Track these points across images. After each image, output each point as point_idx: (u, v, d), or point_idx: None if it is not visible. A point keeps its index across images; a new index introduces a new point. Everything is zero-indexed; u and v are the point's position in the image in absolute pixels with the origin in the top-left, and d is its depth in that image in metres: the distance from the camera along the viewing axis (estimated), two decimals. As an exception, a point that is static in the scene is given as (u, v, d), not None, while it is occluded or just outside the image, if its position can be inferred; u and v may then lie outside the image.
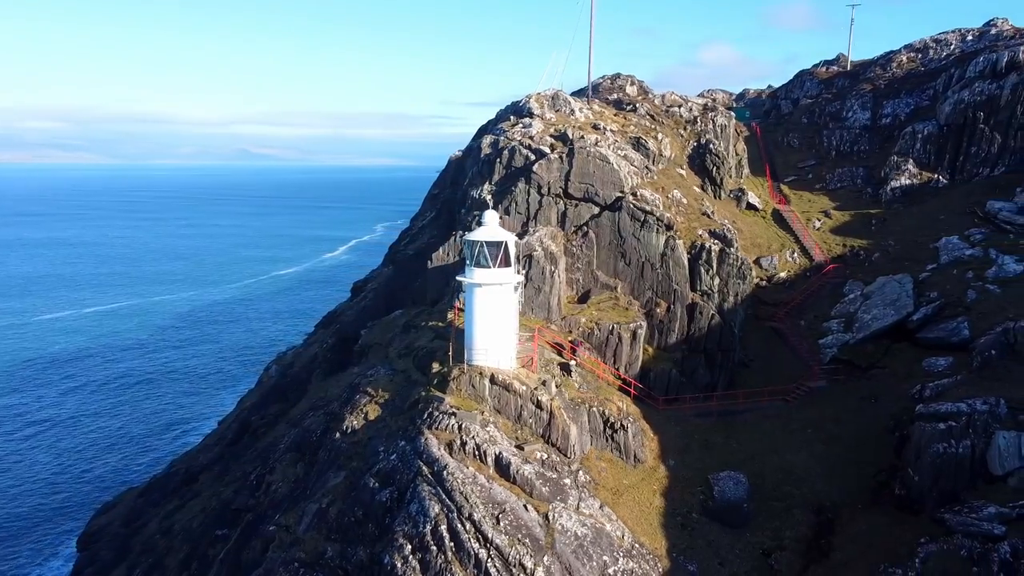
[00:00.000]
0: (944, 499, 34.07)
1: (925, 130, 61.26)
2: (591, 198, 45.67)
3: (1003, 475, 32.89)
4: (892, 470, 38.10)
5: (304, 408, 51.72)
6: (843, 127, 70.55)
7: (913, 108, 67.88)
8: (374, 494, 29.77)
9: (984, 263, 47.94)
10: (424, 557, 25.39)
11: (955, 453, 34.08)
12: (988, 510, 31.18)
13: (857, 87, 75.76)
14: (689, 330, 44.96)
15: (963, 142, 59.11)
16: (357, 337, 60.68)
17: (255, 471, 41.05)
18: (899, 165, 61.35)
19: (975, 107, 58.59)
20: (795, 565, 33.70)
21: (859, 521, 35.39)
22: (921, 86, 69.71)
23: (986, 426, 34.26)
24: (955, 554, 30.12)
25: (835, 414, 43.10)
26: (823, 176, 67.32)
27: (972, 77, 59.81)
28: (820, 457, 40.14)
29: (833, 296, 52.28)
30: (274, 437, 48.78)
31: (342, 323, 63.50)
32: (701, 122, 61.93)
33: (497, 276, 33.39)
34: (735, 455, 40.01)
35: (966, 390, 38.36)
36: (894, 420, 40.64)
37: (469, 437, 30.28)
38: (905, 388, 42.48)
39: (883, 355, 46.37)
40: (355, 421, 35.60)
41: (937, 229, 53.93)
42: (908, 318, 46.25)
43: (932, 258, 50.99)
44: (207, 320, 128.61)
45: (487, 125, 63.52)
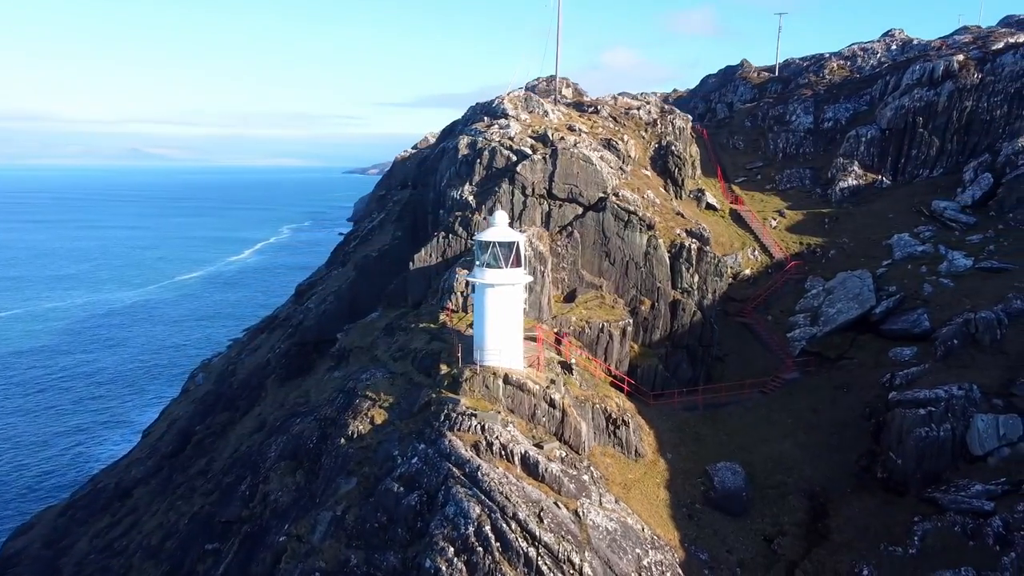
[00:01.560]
0: (928, 480, 36.23)
1: (868, 134, 64.81)
2: (575, 199, 46.26)
3: (983, 455, 35.25)
4: (872, 455, 40.19)
5: (276, 415, 50.30)
6: (788, 130, 73.80)
7: (853, 113, 71.64)
8: (399, 499, 29.33)
9: (935, 259, 51.15)
10: (470, 559, 25.23)
11: (937, 436, 36.29)
12: (975, 487, 33.36)
13: (798, 92, 79.33)
14: (672, 327, 46.17)
15: (904, 145, 62.87)
16: (318, 342, 59.49)
17: (246, 481, 39.60)
18: (845, 167, 64.70)
19: (915, 112, 62.43)
20: (797, 549, 35.14)
21: (850, 504, 37.19)
22: (858, 92, 73.64)
23: (964, 410, 36.63)
24: (950, 530, 32.11)
25: (812, 404, 45.12)
26: (772, 177, 70.20)
27: (911, 84, 63.69)
28: (804, 445, 41.95)
29: (796, 292, 54.63)
30: (252, 446, 47.11)
31: (301, 328, 61.83)
32: (661, 124, 63.52)
33: (509, 276, 33.46)
34: (725, 446, 41.37)
35: (936, 377, 40.90)
36: (869, 408, 42.88)
37: (494, 437, 30.27)
38: (875, 377, 44.89)
39: (849, 346, 48.82)
40: (361, 426, 34.91)
41: (887, 227, 57.18)
42: (871, 311, 48.85)
43: (886, 254, 54.02)
44: (108, 327, 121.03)
45: (453, 126, 63.28)
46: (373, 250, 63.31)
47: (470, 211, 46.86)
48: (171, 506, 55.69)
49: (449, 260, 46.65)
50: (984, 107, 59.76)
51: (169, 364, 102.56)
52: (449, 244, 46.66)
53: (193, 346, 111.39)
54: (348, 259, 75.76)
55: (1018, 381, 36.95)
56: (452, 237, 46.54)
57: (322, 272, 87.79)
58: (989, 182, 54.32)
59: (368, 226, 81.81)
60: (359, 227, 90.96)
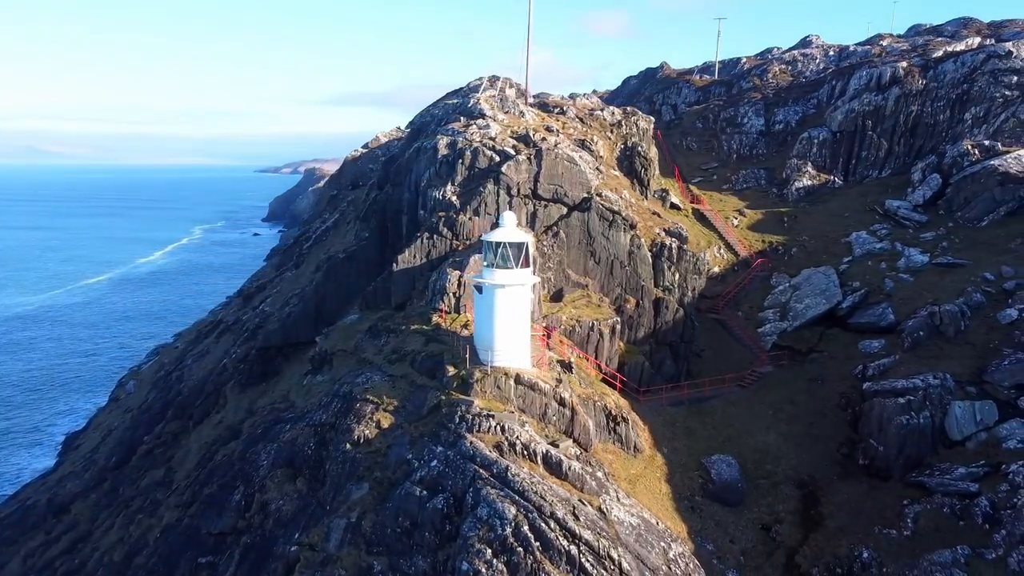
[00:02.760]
0: (910, 465, 38.22)
1: (820, 136, 67.68)
2: (560, 199, 46.64)
3: (962, 440, 37.44)
4: (852, 443, 42.13)
5: (254, 422, 48.89)
6: (740, 132, 76.28)
7: (801, 116, 74.65)
8: (423, 502, 29.03)
9: (893, 255, 53.89)
10: (511, 559, 25.21)
11: (917, 424, 38.31)
12: (959, 471, 35.38)
13: (748, 95, 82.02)
14: (655, 324, 47.12)
15: (854, 147, 65.95)
16: (283, 346, 58.11)
17: (238, 491, 38.30)
18: (799, 167, 67.38)
19: (864, 116, 65.57)
20: (795, 535, 36.49)
21: (839, 491, 38.85)
22: (805, 96, 76.76)
23: (940, 398, 38.79)
24: (939, 512, 33.96)
25: (789, 396, 46.85)
26: (728, 178, 72.42)
27: (859, 89, 66.80)
28: (787, 436, 43.53)
29: (763, 288, 56.58)
30: (230, 454, 45.51)
31: (264, 332, 60.19)
32: (625, 125, 64.60)
33: (520, 277, 33.54)
34: (714, 439, 42.53)
35: (908, 368, 43.15)
36: (844, 398, 44.89)
37: (514, 438, 30.31)
38: (847, 369, 47.01)
39: (819, 340, 50.93)
40: (367, 431, 34.33)
41: (844, 225, 59.86)
42: (838, 306, 51.08)
43: (847, 251, 56.57)
44: (8, 333, 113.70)
45: (422, 126, 62.60)
46: (339, 251, 62.07)
47: (454, 211, 46.62)
48: (130, 520, 53.47)
49: (434, 261, 46.28)
50: (928, 111, 63.34)
51: (81, 372, 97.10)
52: (434, 245, 46.29)
53: (106, 353, 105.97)
54: (303, 260, 74.17)
55: (989, 369, 39.35)
56: (437, 238, 46.19)
57: (269, 274, 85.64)
58: (938, 183, 57.57)
59: (321, 227, 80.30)
60: (310, 228, 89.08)
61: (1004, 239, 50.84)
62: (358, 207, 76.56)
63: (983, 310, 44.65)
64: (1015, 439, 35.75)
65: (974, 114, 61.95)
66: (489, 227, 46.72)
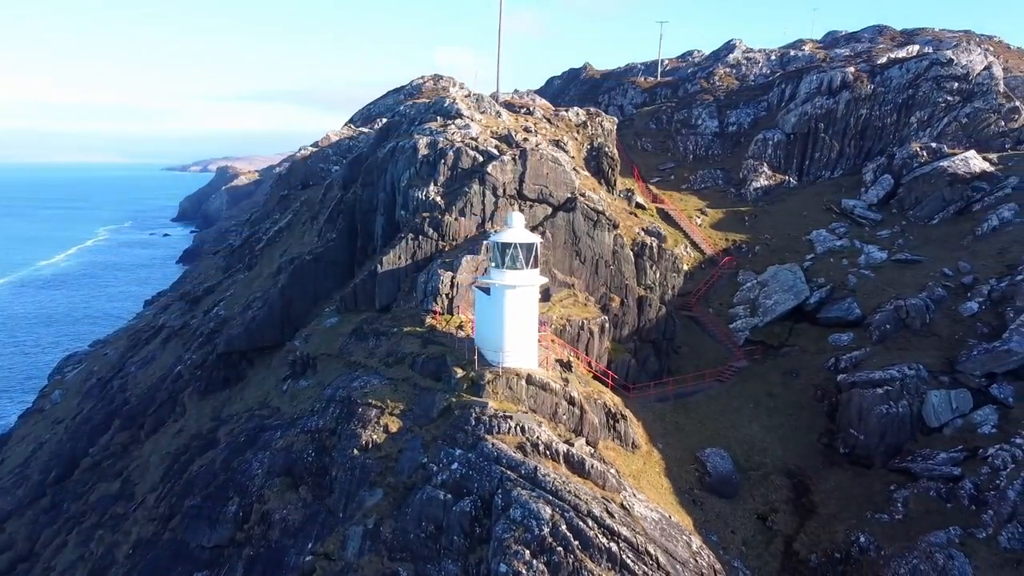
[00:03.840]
0: (890, 453, 40.20)
1: (775, 137, 70.13)
2: (545, 199, 46.87)
3: (939, 427, 39.60)
4: (830, 433, 43.95)
5: (231, 430, 47.37)
6: (696, 133, 78.24)
7: (753, 118, 77.14)
8: (448, 506, 28.79)
9: (854, 252, 56.39)
10: (551, 559, 25.28)
11: (896, 412, 40.32)
12: (940, 456, 37.42)
13: (700, 97, 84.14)
14: (639, 322, 47.95)
15: (808, 148, 68.65)
16: (247, 350, 56.50)
17: (233, 502, 36.97)
18: (755, 168, 69.64)
19: (816, 119, 68.33)
20: (791, 524, 37.86)
21: (826, 479, 40.50)
22: (756, 99, 79.31)
23: (917, 388, 40.91)
24: (927, 495, 35.85)
25: (766, 389, 48.46)
26: (686, 177, 74.16)
27: (811, 92, 69.57)
28: (769, 428, 45.05)
29: (731, 285, 58.26)
30: (209, 465, 43.88)
31: (227, 337, 58.20)
32: (591, 126, 65.39)
33: (529, 278, 33.62)
34: (702, 433, 43.62)
35: (881, 360, 45.31)
36: (820, 390, 46.76)
37: (535, 438, 30.42)
38: (820, 362, 48.98)
39: (789, 335, 52.84)
40: (374, 435, 33.77)
41: (804, 224, 62.25)
42: (806, 301, 53.09)
43: (808, 249, 58.85)
44: None
45: (389, 126, 61.65)
46: (303, 253, 60.66)
47: (439, 212, 46.24)
48: (87, 537, 51.27)
49: (420, 262, 45.77)
50: (877, 115, 66.57)
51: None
52: (419, 246, 45.77)
53: (7, 361, 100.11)
54: (256, 262, 72.24)
55: (960, 359, 41.69)
56: (422, 238, 45.70)
57: (215, 276, 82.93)
58: (890, 183, 60.57)
59: (273, 228, 78.23)
60: (258, 228, 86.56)
61: (956, 236, 53.92)
62: (313, 207, 74.99)
63: (945, 303, 47.27)
64: (989, 424, 38.03)
65: (919, 118, 65.49)
66: (475, 228, 46.67)
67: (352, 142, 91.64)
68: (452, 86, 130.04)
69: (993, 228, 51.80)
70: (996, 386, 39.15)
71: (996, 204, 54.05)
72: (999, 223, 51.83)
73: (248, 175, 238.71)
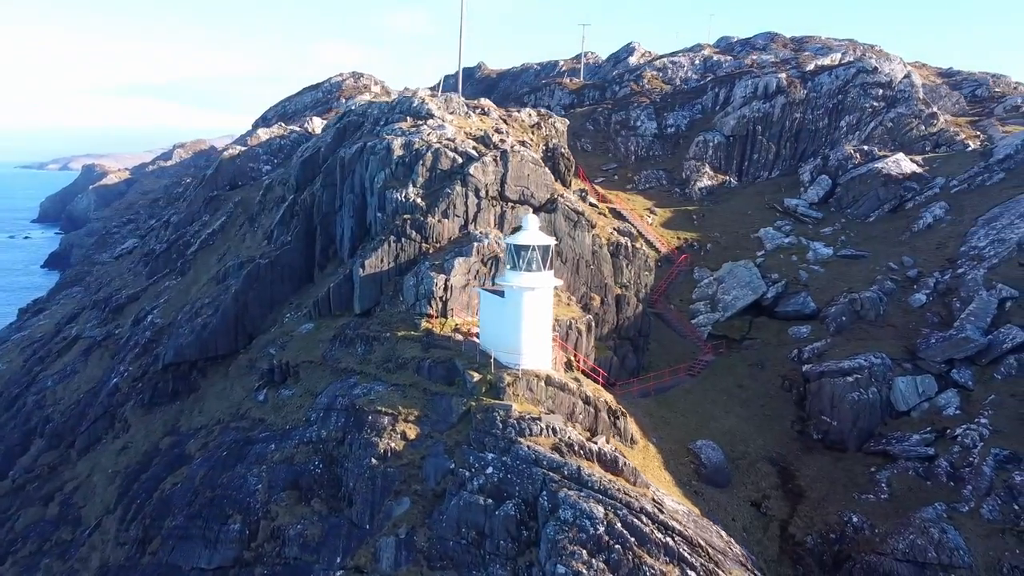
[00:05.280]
0: (863, 437, 42.95)
1: (715, 139, 73.14)
2: (527, 200, 47.15)
3: (907, 410, 42.62)
4: (802, 420, 46.46)
5: (204, 443, 45.25)
6: (636, 135, 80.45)
7: (690, 120, 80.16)
8: (489, 511, 28.68)
9: (801, 249, 59.68)
10: (610, 557, 25.65)
11: (867, 399, 43.11)
12: (914, 438, 40.33)
13: (636, 99, 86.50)
14: (618, 320, 49.02)
15: (747, 150, 71.99)
16: (197, 360, 54.17)
17: (234, 520, 35.26)
18: (698, 168, 72.42)
19: (754, 122, 71.77)
20: (784, 509, 39.79)
21: (807, 465, 42.77)
22: (691, 102, 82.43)
23: (884, 375, 43.86)
24: (906, 475, 38.57)
25: (736, 381, 50.61)
26: (630, 178, 76.20)
27: (748, 96, 72.97)
28: (745, 418, 47.09)
29: (688, 282, 60.42)
30: (183, 483, 41.70)
31: (174, 346, 55.39)
32: (544, 127, 66.07)
33: (547, 280, 33.86)
34: (688, 426, 45.11)
35: (843, 350, 48.25)
36: (787, 380, 49.28)
37: (567, 438, 30.73)
38: (783, 353, 51.60)
39: (749, 328, 55.36)
40: (392, 443, 33.12)
41: (750, 222, 65.28)
42: (763, 296, 55.79)
43: (758, 246, 61.80)
44: None
45: (349, 125, 59.96)
46: (255, 257, 58.43)
47: (420, 214, 45.62)
48: (31, 567, 48.23)
49: (403, 265, 45.02)
50: (810, 118, 70.67)
51: None
52: (402, 248, 45.01)
53: None
54: (190, 267, 69.14)
55: (920, 347, 45.00)
56: (405, 241, 44.98)
57: (139, 283, 78.54)
58: (829, 183, 64.47)
59: (205, 230, 74.86)
60: (186, 231, 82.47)
61: (893, 232, 58.07)
62: (250, 208, 72.33)
63: (895, 296, 50.87)
64: (952, 407, 41.31)
65: (848, 122, 70.05)
66: (457, 230, 46.38)
67: (283, 141, 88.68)
68: (373, 84, 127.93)
69: (928, 225, 56.14)
70: (956, 371, 42.56)
71: (927, 203, 58.61)
72: (933, 220, 56.22)
73: (118, 174, 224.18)
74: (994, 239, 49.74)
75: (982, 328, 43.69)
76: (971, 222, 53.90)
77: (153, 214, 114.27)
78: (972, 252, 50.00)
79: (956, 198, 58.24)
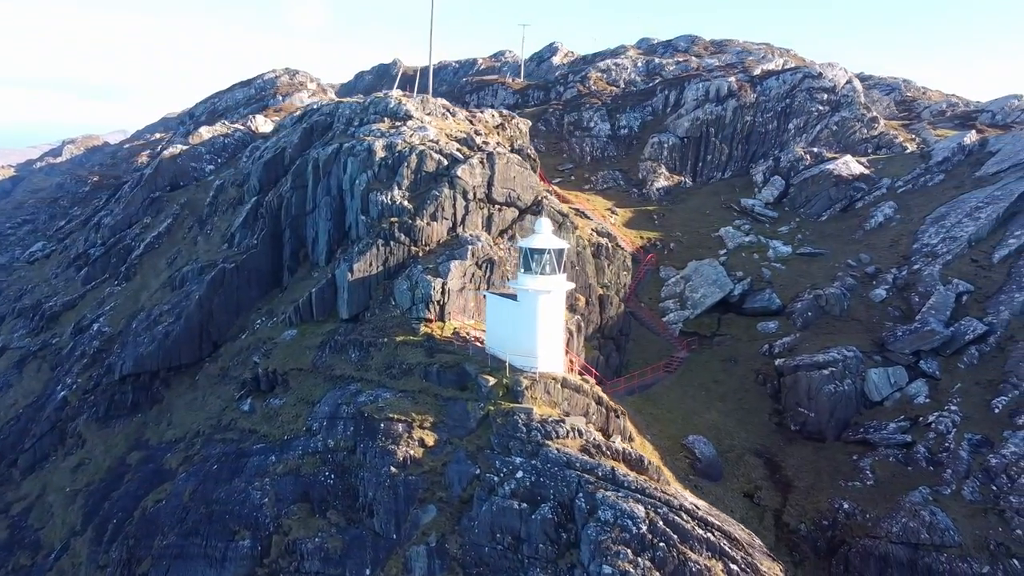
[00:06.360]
0: (840, 427, 45.20)
1: (669, 141, 75.09)
2: (513, 202, 47.31)
3: (880, 400, 45.09)
4: (778, 413, 48.48)
5: (187, 456, 43.56)
6: (591, 136, 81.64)
7: (642, 121, 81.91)
8: (524, 515, 28.81)
9: (761, 247, 62.06)
10: (655, 555, 26.22)
11: (843, 390, 45.38)
12: (890, 426, 42.72)
13: (588, 100, 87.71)
14: (601, 320, 49.82)
15: (700, 151, 74.21)
16: (158, 370, 52.22)
17: (242, 537, 34.06)
18: (654, 169, 74.18)
19: (707, 124, 74.09)
20: (775, 499, 41.47)
21: (790, 455, 44.68)
22: (641, 104, 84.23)
23: (857, 367, 46.23)
24: (887, 461, 40.87)
25: (711, 376, 52.27)
26: (587, 178, 77.26)
27: (700, 99, 75.22)
28: (725, 413, 48.74)
29: (655, 281, 61.86)
30: (165, 500, 40.06)
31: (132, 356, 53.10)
32: (508, 127, 66.29)
33: (562, 282, 34.19)
34: (675, 422, 46.36)
35: (812, 344, 50.54)
36: (761, 375, 51.21)
37: (594, 439, 31.16)
38: (754, 349, 53.57)
39: (719, 325, 57.19)
40: (411, 451, 32.75)
41: (710, 222, 67.34)
42: (731, 294, 57.71)
43: (720, 245, 63.85)
44: None
45: (316, 125, 58.40)
46: (218, 260, 56.56)
47: (408, 216, 45.13)
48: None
49: (391, 269, 44.40)
50: (760, 121, 73.46)
51: None
52: (391, 252, 44.40)
53: None
54: (135, 272, 66.38)
55: (888, 340, 47.62)
56: (394, 244, 44.39)
57: (74, 289, 74.58)
58: (782, 184, 67.25)
59: (150, 234, 71.89)
60: (126, 234, 78.70)
61: (847, 231, 61.15)
62: (198, 210, 70.06)
63: (857, 291, 53.60)
64: (922, 395, 43.98)
65: (796, 124, 73.24)
66: (446, 232, 46.11)
67: (227, 140, 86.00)
68: (309, 81, 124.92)
69: (879, 223, 59.39)
70: (923, 362, 45.29)
71: (875, 202, 61.98)
72: (884, 219, 59.52)
73: (2, 171, 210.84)
74: (945, 236, 53.13)
75: (943, 321, 46.66)
76: (920, 221, 57.36)
77: (56, 214, 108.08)
78: (925, 249, 53.26)
79: (902, 198, 61.84)
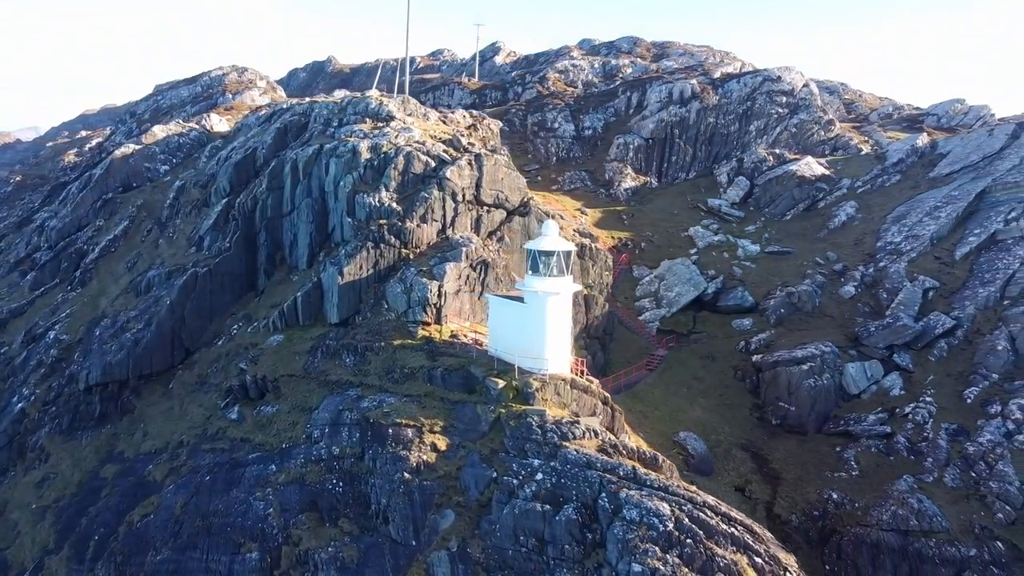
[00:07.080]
0: (820, 420, 46.85)
1: (634, 142, 76.26)
2: (501, 204, 47.35)
3: (858, 393, 46.89)
4: (758, 407, 49.93)
5: (172, 468, 42.24)
6: (555, 136, 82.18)
7: (605, 123, 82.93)
8: (547, 517, 28.99)
9: (731, 246, 63.70)
10: (683, 551, 26.71)
11: (823, 385, 47.06)
12: (870, 418, 44.50)
13: (551, 101, 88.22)
14: (587, 320, 50.33)
15: (665, 152, 75.62)
16: (127, 379, 50.62)
17: (248, 548, 33.18)
18: (620, 170, 75.23)
19: (672, 125, 75.53)
20: (765, 491, 42.69)
21: (775, 448, 46.05)
22: (603, 105, 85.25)
23: (834, 362, 47.98)
24: (870, 452, 42.57)
25: (691, 373, 53.43)
26: (554, 179, 77.81)
27: (664, 101, 76.61)
28: (708, 409, 49.92)
29: (629, 280, 62.81)
30: (154, 514, 38.82)
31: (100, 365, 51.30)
32: (480, 128, 66.28)
33: (569, 284, 34.46)
34: (662, 419, 47.25)
35: (788, 340, 52.21)
36: (739, 371, 52.65)
37: (608, 439, 31.56)
38: (731, 345, 55.01)
39: (694, 323, 58.48)
40: (424, 456, 32.53)
41: (678, 221, 68.70)
42: (705, 292, 59.09)
43: (690, 244, 65.24)
44: None
45: (291, 125, 57.12)
46: (190, 265, 55.02)
47: (397, 219, 44.73)
48: None
49: (381, 271, 43.94)
50: (723, 123, 75.28)
51: None
52: (381, 254, 43.92)
53: None
54: (91, 276, 64.11)
55: (862, 335, 49.54)
56: (384, 247, 43.92)
57: (23, 296, 71.39)
58: (747, 184, 69.12)
59: (105, 237, 69.41)
60: (77, 238, 75.72)
61: (811, 230, 63.31)
62: (156, 212, 68.08)
63: (827, 288, 55.59)
64: (897, 388, 45.97)
65: (757, 126, 75.34)
66: (435, 234, 45.86)
67: (182, 139, 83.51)
68: (259, 79, 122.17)
69: (842, 223, 61.71)
70: (897, 355, 47.33)
71: (837, 202, 64.37)
72: (847, 218, 61.87)
73: None
74: (907, 235, 55.59)
75: (912, 316, 48.84)
76: (881, 220, 59.86)
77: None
78: (890, 247, 55.61)
79: (862, 198, 64.40)
